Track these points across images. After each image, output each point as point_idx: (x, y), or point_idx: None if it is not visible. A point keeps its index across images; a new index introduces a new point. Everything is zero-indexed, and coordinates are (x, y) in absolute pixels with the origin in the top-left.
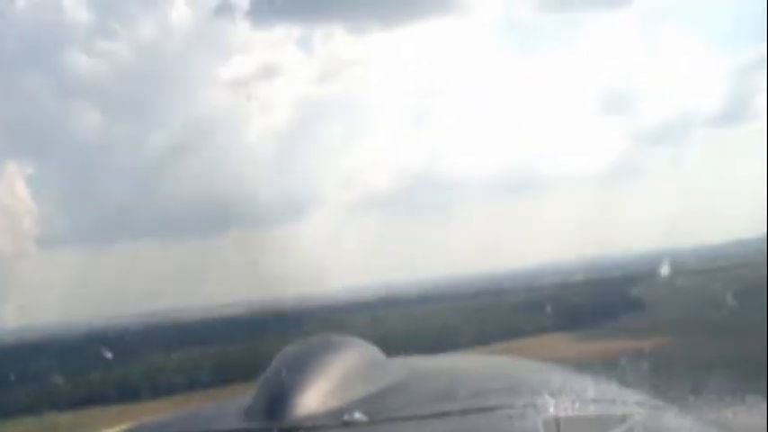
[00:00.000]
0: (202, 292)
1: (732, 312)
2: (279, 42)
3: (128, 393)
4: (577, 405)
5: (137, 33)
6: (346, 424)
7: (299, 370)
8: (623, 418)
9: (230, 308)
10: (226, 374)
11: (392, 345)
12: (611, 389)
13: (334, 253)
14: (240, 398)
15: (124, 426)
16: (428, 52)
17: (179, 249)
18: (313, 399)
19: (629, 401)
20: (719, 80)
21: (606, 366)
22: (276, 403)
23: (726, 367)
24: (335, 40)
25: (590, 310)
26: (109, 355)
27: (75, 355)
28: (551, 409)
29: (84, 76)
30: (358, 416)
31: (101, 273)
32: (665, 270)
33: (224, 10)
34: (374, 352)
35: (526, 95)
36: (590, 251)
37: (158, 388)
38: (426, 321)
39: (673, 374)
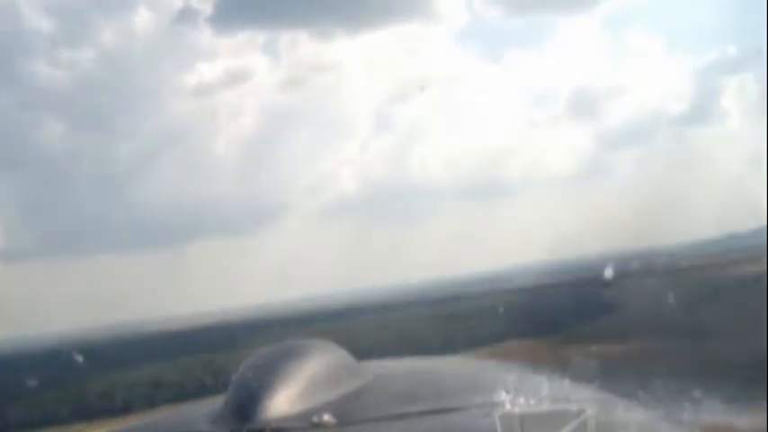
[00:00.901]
0: (172, 303)
1: (705, 315)
2: (243, 49)
3: (94, 410)
4: (533, 402)
5: (99, 42)
6: (315, 426)
7: (269, 373)
8: (577, 414)
9: (201, 317)
10: (195, 387)
11: (361, 355)
12: (565, 386)
13: (304, 260)
14: (211, 401)
15: None
16: (395, 58)
17: (148, 260)
18: (283, 401)
19: (581, 397)
20: (684, 81)
21: (575, 372)
22: (246, 405)
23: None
24: (301, 46)
25: (562, 314)
26: (79, 359)
27: (42, 370)
28: (508, 407)
29: (46, 86)
30: (327, 418)
31: (68, 286)
32: (632, 270)
33: (186, 16)
34: (343, 355)
35: (494, 100)
36: (560, 253)
37: (126, 403)
38: (395, 330)
39: (646, 380)
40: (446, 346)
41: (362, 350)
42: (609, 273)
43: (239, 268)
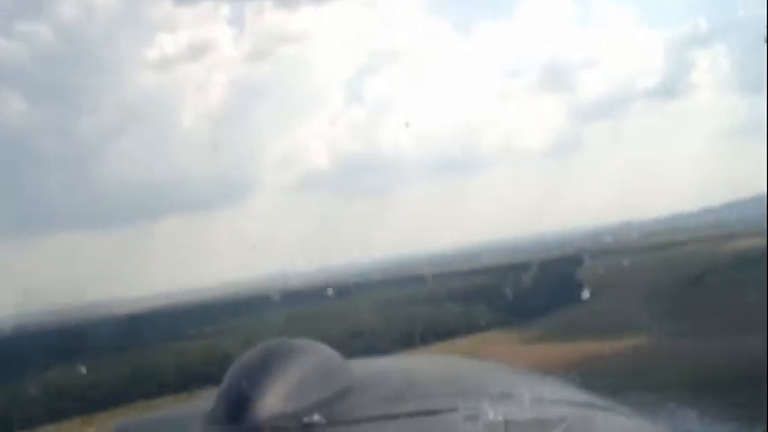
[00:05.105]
0: (141, 281)
1: (686, 303)
2: (206, 20)
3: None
4: (520, 406)
5: (56, 14)
6: (306, 426)
7: (259, 374)
8: (562, 419)
9: (171, 296)
10: (170, 374)
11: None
12: (554, 388)
13: (274, 236)
14: (199, 403)
15: None
16: (364, 28)
17: (114, 238)
18: (273, 402)
19: (570, 402)
20: (655, 54)
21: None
22: (237, 407)
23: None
24: (266, 16)
25: (534, 299)
26: None
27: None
28: (495, 411)
29: (3, 59)
30: (317, 418)
31: (32, 266)
32: (607, 246)
33: None
34: (331, 354)
35: (466, 72)
36: (532, 228)
37: (95, 395)
38: (360, 316)
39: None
40: (412, 340)
41: (329, 338)
42: (583, 255)
43: (208, 245)
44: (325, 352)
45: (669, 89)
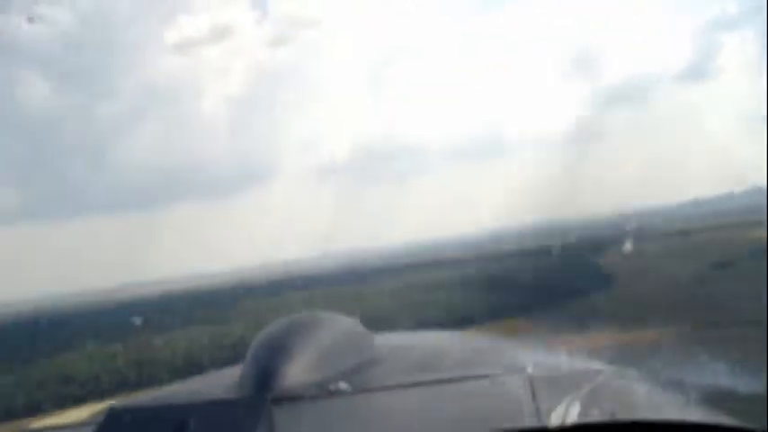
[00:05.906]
0: (158, 265)
1: (711, 288)
2: (229, 2)
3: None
4: (552, 373)
5: None
6: (333, 393)
7: (287, 343)
8: (595, 374)
9: (190, 280)
10: (194, 357)
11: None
12: (580, 361)
13: (292, 222)
14: (226, 371)
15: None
16: (387, 13)
17: (133, 221)
18: (300, 370)
19: (597, 369)
20: (683, 38)
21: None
22: (266, 374)
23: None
24: (288, 0)
25: (557, 286)
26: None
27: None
28: (525, 374)
29: (26, 42)
30: (343, 386)
31: (51, 249)
32: (629, 241)
33: None
34: (358, 327)
35: (488, 58)
36: (555, 214)
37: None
38: (377, 301)
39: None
40: (428, 323)
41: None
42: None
43: (227, 230)
44: (351, 324)
45: (696, 73)
